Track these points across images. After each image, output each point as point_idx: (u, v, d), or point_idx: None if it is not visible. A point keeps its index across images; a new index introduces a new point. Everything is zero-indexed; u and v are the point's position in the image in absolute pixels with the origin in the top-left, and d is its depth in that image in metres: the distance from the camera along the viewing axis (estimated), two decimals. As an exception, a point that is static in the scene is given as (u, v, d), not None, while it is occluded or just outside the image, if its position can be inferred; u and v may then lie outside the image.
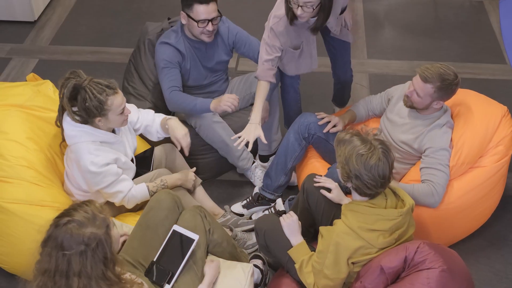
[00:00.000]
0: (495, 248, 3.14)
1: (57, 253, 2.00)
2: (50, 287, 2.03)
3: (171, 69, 3.17)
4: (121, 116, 2.67)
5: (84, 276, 2.00)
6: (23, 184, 2.76)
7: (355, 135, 2.33)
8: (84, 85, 2.59)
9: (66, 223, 2.02)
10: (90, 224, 2.02)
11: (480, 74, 4.31)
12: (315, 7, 2.78)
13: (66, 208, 2.10)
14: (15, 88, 3.13)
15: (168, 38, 3.20)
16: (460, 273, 2.37)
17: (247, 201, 3.27)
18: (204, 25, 3.09)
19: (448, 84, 2.74)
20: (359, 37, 4.66)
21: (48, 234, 2.05)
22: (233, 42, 3.30)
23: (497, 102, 3.18)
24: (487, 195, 3.01)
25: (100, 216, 2.06)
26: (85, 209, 2.06)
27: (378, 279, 2.36)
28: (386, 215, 2.34)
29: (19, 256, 2.81)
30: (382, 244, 2.36)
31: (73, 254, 1.99)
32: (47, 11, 4.94)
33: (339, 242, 2.35)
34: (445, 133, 2.85)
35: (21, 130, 2.90)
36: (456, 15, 4.93)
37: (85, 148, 2.66)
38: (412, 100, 2.83)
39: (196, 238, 2.48)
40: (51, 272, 2.02)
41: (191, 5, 3.06)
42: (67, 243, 1.99)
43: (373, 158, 2.27)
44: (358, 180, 2.30)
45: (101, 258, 2.02)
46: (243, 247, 3.04)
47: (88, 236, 2.00)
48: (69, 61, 4.43)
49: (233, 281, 2.52)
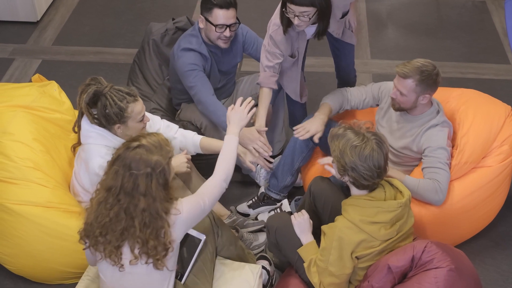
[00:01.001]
0: (500, 248, 3.14)
1: (124, 172, 2.18)
2: (110, 203, 2.20)
3: (199, 71, 3.12)
4: (140, 123, 2.67)
5: (149, 196, 2.18)
6: (29, 185, 2.76)
7: (348, 129, 2.37)
8: (105, 92, 2.59)
9: (136, 147, 2.20)
10: (157, 152, 2.21)
11: (483, 74, 4.32)
12: (311, 17, 2.78)
13: (135, 136, 2.30)
14: (21, 89, 3.12)
15: (190, 44, 3.14)
16: (468, 272, 2.38)
17: (253, 201, 3.27)
18: (222, 30, 3.06)
19: (428, 75, 2.74)
20: (362, 37, 4.66)
21: (118, 154, 2.22)
22: (243, 42, 3.29)
23: (501, 102, 3.18)
24: (492, 195, 3.01)
25: (166, 148, 2.26)
26: (153, 139, 2.25)
27: (385, 278, 2.37)
28: (387, 207, 2.36)
29: (25, 257, 2.81)
30: (384, 236, 2.38)
31: (140, 175, 2.17)
32: (49, 11, 4.93)
33: (342, 237, 2.36)
34: (440, 132, 2.84)
35: (27, 131, 2.90)
36: (458, 15, 4.94)
37: (97, 151, 2.65)
38: (399, 101, 2.83)
39: (203, 238, 2.50)
40: (116, 189, 2.19)
41: (211, 9, 3.03)
42: (135, 164, 2.17)
43: (367, 148, 2.30)
44: (355, 172, 2.32)
45: (162, 183, 2.21)
46: (250, 247, 3.04)
47: (155, 162, 2.19)
48: (72, 62, 4.42)
49: (242, 282, 2.53)
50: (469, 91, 3.24)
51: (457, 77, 4.29)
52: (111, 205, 2.20)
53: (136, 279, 2.30)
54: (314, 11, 2.76)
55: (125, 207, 2.19)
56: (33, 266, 2.84)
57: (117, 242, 2.22)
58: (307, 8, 2.74)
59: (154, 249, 2.20)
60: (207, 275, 2.52)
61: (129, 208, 2.19)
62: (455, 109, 3.09)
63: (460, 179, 2.93)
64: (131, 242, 2.21)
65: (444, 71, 4.33)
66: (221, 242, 2.65)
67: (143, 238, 2.19)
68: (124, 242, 2.22)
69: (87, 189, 2.81)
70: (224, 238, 2.66)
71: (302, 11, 2.74)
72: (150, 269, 2.27)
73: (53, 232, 2.73)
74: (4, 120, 2.90)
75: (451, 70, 4.35)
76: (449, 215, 2.90)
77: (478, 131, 2.96)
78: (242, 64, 4.30)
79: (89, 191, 2.80)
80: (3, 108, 2.96)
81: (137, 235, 2.19)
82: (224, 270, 2.61)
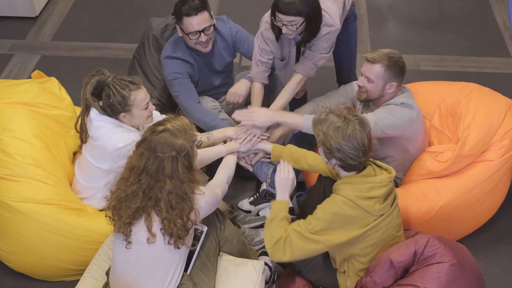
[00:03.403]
0: (502, 243, 3.14)
1: (150, 155, 2.27)
2: (131, 181, 2.29)
3: (183, 79, 3.12)
4: (145, 111, 2.69)
5: (176, 178, 2.28)
6: (30, 183, 2.76)
7: (330, 113, 2.42)
8: (108, 81, 2.62)
9: (161, 131, 2.29)
10: (181, 136, 2.31)
11: (485, 68, 4.30)
12: (298, 26, 2.79)
13: (160, 120, 2.38)
14: (21, 85, 3.11)
15: (174, 52, 3.12)
16: (470, 267, 2.38)
17: (254, 197, 3.26)
18: (197, 36, 3.02)
19: (395, 61, 2.76)
20: (362, 31, 4.64)
21: (144, 137, 2.32)
22: (233, 42, 3.26)
23: (502, 95, 3.17)
24: (493, 189, 3.00)
25: (190, 132, 2.35)
26: (178, 123, 2.34)
27: (387, 273, 2.37)
28: (379, 181, 2.39)
29: (27, 254, 2.81)
30: (379, 210, 2.39)
31: (166, 158, 2.26)
32: (48, 6, 4.91)
33: (337, 211, 2.37)
34: (392, 114, 2.75)
35: (27, 128, 2.89)
36: (460, 8, 4.91)
37: (112, 131, 2.67)
38: (366, 89, 2.82)
39: (205, 229, 2.53)
40: (139, 169, 2.28)
41: (181, 19, 3.00)
42: (161, 148, 2.26)
43: (349, 128, 2.35)
44: (340, 153, 2.36)
45: (186, 165, 2.31)
46: (251, 243, 3.04)
47: (180, 145, 2.28)
48: (71, 57, 4.40)
49: (245, 279, 2.53)
50: (470, 84, 3.22)
51: (459, 71, 4.27)
52: (131, 183, 2.30)
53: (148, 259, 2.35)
54: (301, 20, 2.78)
55: (145, 187, 2.28)
56: (34, 263, 2.84)
57: (128, 219, 2.30)
58: (294, 17, 2.76)
59: (180, 228, 2.28)
60: (211, 269, 2.54)
61: (150, 189, 2.28)
62: (456, 102, 3.08)
63: (461, 174, 2.93)
64: (148, 221, 2.28)
65: (445, 65, 4.33)
66: (223, 237, 2.66)
67: (169, 219, 2.27)
68: (136, 221, 2.30)
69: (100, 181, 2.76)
70: (227, 233, 2.67)
71: (290, 20, 2.76)
72: (165, 250, 2.33)
73: (54, 229, 2.73)
74: (4, 117, 2.89)
75: (452, 64, 4.34)
76: (451, 210, 2.90)
77: (479, 124, 2.95)
78: (242, 59, 4.29)
79: (98, 187, 2.80)
80: (3, 105, 2.95)
81: (164, 216, 2.27)
82: (226, 266, 2.60)
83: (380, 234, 2.44)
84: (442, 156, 2.92)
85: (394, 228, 2.48)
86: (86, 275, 2.62)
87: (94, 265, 2.64)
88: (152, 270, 2.36)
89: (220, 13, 4.85)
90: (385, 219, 2.43)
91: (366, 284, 2.39)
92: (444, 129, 3.09)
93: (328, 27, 2.89)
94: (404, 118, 2.79)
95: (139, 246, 2.34)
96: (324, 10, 2.86)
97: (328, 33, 2.90)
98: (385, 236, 2.45)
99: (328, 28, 2.89)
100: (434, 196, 2.89)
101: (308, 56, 2.99)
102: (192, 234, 2.43)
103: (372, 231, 2.42)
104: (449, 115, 3.09)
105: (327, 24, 2.88)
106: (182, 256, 2.43)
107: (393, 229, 2.47)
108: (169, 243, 2.32)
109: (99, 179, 2.78)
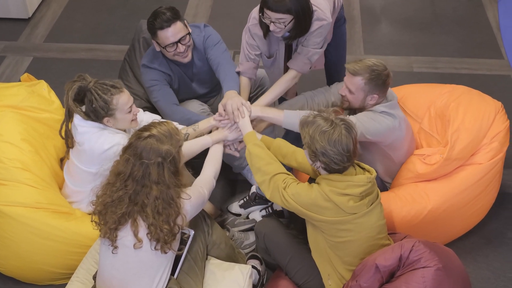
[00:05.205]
0: (492, 246, 3.13)
1: (135, 161, 2.28)
2: (117, 187, 2.30)
3: (161, 85, 3.10)
4: (128, 115, 2.68)
5: (162, 183, 2.29)
6: (18, 186, 2.75)
7: (317, 116, 2.43)
8: (90, 87, 2.61)
9: (147, 137, 2.30)
10: (167, 142, 2.31)
11: (477, 70, 4.29)
12: (287, 24, 2.78)
13: (146, 125, 2.39)
14: (10, 88, 3.11)
15: (151, 63, 3.10)
16: (456, 271, 2.38)
17: (244, 200, 3.25)
18: (174, 48, 2.98)
19: (377, 74, 2.73)
20: (355, 32, 4.63)
21: (130, 142, 2.33)
22: (204, 48, 3.17)
23: (491, 98, 3.16)
24: (483, 192, 3.00)
25: (175, 137, 2.36)
26: (163, 128, 2.35)
27: (373, 277, 2.38)
28: (357, 181, 2.40)
29: (15, 258, 2.80)
30: (352, 208, 2.40)
31: (151, 164, 2.27)
32: (41, 8, 4.90)
33: (312, 197, 2.41)
34: (373, 119, 2.76)
35: (15, 131, 2.88)
36: (453, 9, 4.91)
37: (97, 135, 2.66)
38: (347, 99, 2.82)
39: (192, 233, 2.53)
40: (125, 175, 2.29)
41: (155, 33, 2.96)
42: (146, 154, 2.28)
43: (335, 133, 2.36)
44: (325, 157, 2.37)
45: (173, 170, 2.32)
46: (241, 247, 3.03)
47: (165, 151, 2.29)
48: (63, 59, 4.40)
49: (232, 283, 2.53)
50: (459, 87, 3.22)
51: (451, 72, 4.27)
52: (117, 189, 2.30)
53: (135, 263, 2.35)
54: (290, 18, 2.76)
55: (131, 193, 2.28)
56: (22, 267, 2.83)
57: (113, 225, 2.30)
58: (283, 15, 2.74)
59: (167, 234, 2.28)
60: (198, 273, 2.54)
61: (136, 195, 2.29)
62: (446, 105, 3.08)
63: (450, 177, 2.93)
64: (134, 226, 2.28)
65: (438, 66, 4.33)
66: (211, 241, 2.66)
67: (155, 225, 2.27)
68: (121, 227, 2.30)
69: (87, 186, 2.77)
70: (215, 236, 2.67)
71: (278, 17, 2.75)
72: (151, 254, 2.33)
73: (42, 233, 2.72)
74: (-8, 120, 2.89)
75: (445, 66, 4.33)
76: (439, 214, 2.90)
77: (468, 128, 2.94)
78: (234, 59, 4.28)
79: (86, 191, 2.79)
80: (-9, 108, 2.95)
81: (150, 222, 2.27)
82: (214, 270, 2.60)
83: (355, 233, 2.44)
84: (430, 159, 2.92)
85: (373, 229, 2.47)
86: (74, 279, 2.61)
87: (81, 269, 2.64)
88: (138, 274, 2.35)
89: (214, 14, 4.85)
90: (360, 218, 2.43)
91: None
92: (433, 132, 3.08)
93: (320, 21, 2.87)
94: (384, 125, 2.78)
95: (126, 251, 2.33)
96: (315, 6, 2.85)
97: (320, 27, 2.89)
98: (362, 236, 2.46)
99: (320, 22, 2.87)
100: (423, 199, 2.89)
101: (302, 52, 2.97)
102: (179, 239, 2.43)
103: (343, 226, 2.42)
104: (438, 118, 3.08)
105: (319, 18, 2.87)
106: (169, 260, 2.43)
107: (372, 230, 2.47)
108: (156, 249, 2.32)
109: (87, 183, 2.77)
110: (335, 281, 2.54)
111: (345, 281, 2.52)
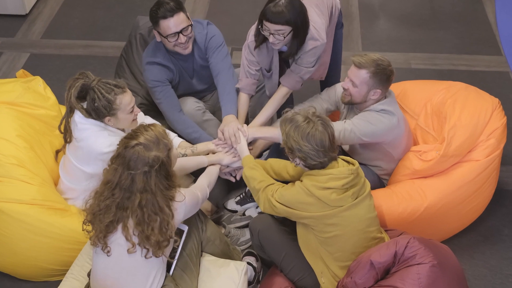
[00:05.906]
0: (489, 243, 3.12)
1: (123, 170, 2.25)
2: (105, 195, 2.28)
3: (164, 86, 3.10)
4: (130, 115, 2.67)
5: (148, 192, 2.26)
6: (13, 183, 2.74)
7: (297, 114, 2.46)
8: (93, 85, 2.60)
9: (134, 146, 2.26)
10: (155, 148, 2.28)
11: (475, 66, 4.28)
12: (286, 35, 2.78)
13: (133, 130, 2.35)
14: (5, 85, 3.10)
15: (154, 57, 3.10)
16: (451, 268, 2.38)
17: (240, 197, 3.25)
18: (175, 38, 2.98)
19: (383, 69, 2.73)
20: (353, 29, 4.62)
21: (118, 152, 2.30)
22: (206, 48, 3.16)
23: (489, 94, 3.15)
24: (479, 189, 2.99)
25: (163, 141, 2.31)
26: (151, 134, 2.31)
27: (368, 274, 2.37)
28: (337, 173, 2.41)
29: (10, 255, 2.80)
30: (336, 201, 2.41)
31: (138, 174, 2.24)
32: (38, 4, 4.89)
33: (295, 195, 2.44)
34: (370, 122, 2.77)
35: (11, 128, 2.88)
36: (451, 5, 4.89)
37: (97, 134, 2.65)
38: (350, 93, 2.81)
39: (186, 229, 2.53)
40: (113, 184, 2.27)
41: (157, 22, 2.96)
42: (133, 163, 2.25)
43: (308, 128, 2.38)
44: (301, 152, 2.40)
45: (163, 174, 2.30)
46: (237, 243, 3.03)
47: (153, 159, 2.25)
48: (60, 55, 4.39)
49: (227, 280, 2.52)
50: (456, 83, 3.21)
51: (449, 69, 4.25)
52: (105, 198, 2.27)
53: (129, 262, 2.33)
54: (289, 29, 2.77)
55: (118, 201, 2.26)
56: (17, 264, 2.83)
57: (101, 233, 2.29)
58: (282, 26, 2.75)
59: (156, 244, 2.27)
60: (193, 270, 2.53)
61: (123, 204, 2.27)
62: (442, 102, 3.07)
63: (447, 174, 2.92)
64: (125, 231, 2.27)
65: (436, 63, 4.31)
66: (205, 237, 2.65)
67: (142, 233, 2.26)
68: (110, 234, 2.29)
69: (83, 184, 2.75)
70: (209, 233, 2.66)
71: (277, 29, 2.75)
72: (144, 259, 2.32)
73: (37, 230, 2.72)
74: (-13, 117, 2.88)
75: (443, 62, 4.32)
76: (436, 210, 2.89)
77: (465, 124, 2.93)
78: (232, 57, 4.26)
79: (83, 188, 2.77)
80: (-13, 105, 2.94)
81: (140, 230, 2.26)
82: (209, 267, 2.60)
83: (342, 226, 2.44)
84: (426, 155, 2.91)
85: (361, 222, 2.47)
86: (68, 276, 2.60)
87: (76, 266, 2.63)
88: (132, 274, 2.34)
89: (211, 11, 4.84)
90: (345, 211, 2.43)
91: (347, 285, 2.39)
92: (429, 129, 3.07)
93: (314, 41, 2.88)
94: (382, 126, 2.78)
95: (119, 250, 2.32)
96: (311, 23, 2.85)
97: (314, 48, 2.90)
98: (350, 229, 2.45)
99: (314, 42, 2.88)
100: (420, 196, 2.88)
101: (294, 70, 3.00)
102: (171, 244, 2.40)
103: (329, 220, 2.42)
104: (434, 114, 3.07)
105: (313, 38, 2.87)
106: (164, 259, 2.41)
107: (360, 223, 2.47)
108: (147, 257, 2.30)
109: (82, 181, 2.76)
110: (328, 279, 2.53)
111: (338, 279, 2.51)
